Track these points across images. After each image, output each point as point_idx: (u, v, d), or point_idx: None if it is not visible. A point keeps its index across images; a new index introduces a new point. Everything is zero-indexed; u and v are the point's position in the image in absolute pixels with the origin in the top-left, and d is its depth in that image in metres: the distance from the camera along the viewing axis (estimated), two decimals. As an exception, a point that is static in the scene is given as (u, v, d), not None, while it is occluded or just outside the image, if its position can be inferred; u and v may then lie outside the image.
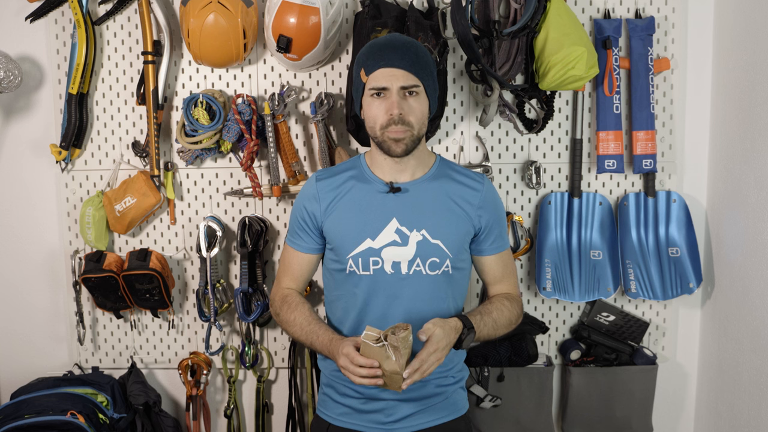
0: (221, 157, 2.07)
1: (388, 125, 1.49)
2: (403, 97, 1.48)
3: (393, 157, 1.53)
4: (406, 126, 1.49)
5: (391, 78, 1.47)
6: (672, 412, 2.16)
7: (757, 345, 1.80)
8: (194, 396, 2.09)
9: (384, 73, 1.48)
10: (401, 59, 1.47)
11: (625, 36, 1.99)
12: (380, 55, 1.49)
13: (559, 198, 2.04)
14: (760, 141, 1.77)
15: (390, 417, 1.57)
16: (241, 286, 2.02)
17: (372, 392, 1.57)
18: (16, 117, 2.09)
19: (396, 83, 1.47)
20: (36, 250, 2.14)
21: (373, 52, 1.51)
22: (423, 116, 1.52)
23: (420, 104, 1.50)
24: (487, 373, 2.01)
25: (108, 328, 2.15)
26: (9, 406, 1.91)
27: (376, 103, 1.50)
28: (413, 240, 1.54)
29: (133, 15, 2.02)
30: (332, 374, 1.63)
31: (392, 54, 1.48)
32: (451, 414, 1.62)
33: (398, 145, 1.50)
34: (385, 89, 1.48)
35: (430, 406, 1.59)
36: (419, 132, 1.52)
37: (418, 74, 1.49)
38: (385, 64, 1.48)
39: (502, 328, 1.57)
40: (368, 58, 1.51)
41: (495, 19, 1.85)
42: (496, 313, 1.56)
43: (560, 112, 2.03)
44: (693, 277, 1.97)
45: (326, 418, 1.64)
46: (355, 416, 1.59)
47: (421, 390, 1.57)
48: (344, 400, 1.61)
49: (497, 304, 1.59)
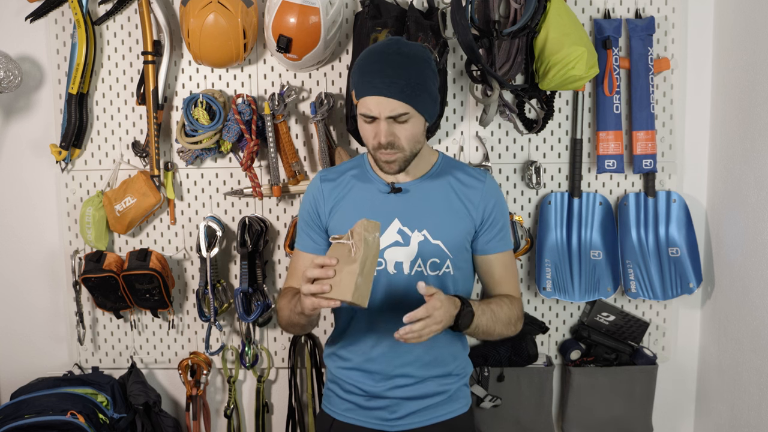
0: (221, 157, 2.07)
1: (378, 149, 1.48)
2: (391, 124, 1.46)
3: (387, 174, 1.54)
4: (395, 150, 1.48)
5: (378, 107, 1.44)
6: (672, 412, 2.16)
7: (757, 345, 1.80)
8: (194, 396, 2.09)
9: (372, 101, 1.44)
10: (389, 87, 1.42)
11: (625, 36, 1.99)
12: (370, 82, 1.44)
13: (559, 198, 2.04)
14: (760, 141, 1.77)
15: (394, 414, 1.58)
16: (241, 286, 2.02)
17: (376, 391, 1.57)
18: (16, 117, 2.09)
19: (384, 112, 1.44)
20: (36, 250, 2.14)
21: (364, 74, 1.45)
22: (414, 137, 1.49)
23: (411, 128, 1.47)
24: (487, 373, 2.01)
25: (108, 328, 2.15)
26: (9, 406, 1.91)
27: (367, 127, 1.49)
28: (415, 240, 1.55)
29: (133, 15, 2.02)
30: (337, 371, 1.64)
31: (381, 82, 1.42)
32: (455, 411, 1.62)
33: (390, 167, 1.51)
34: (374, 118, 1.46)
35: (434, 404, 1.59)
36: (412, 150, 1.51)
37: (409, 100, 1.43)
38: (374, 92, 1.43)
39: (500, 324, 1.54)
40: (359, 80, 1.47)
41: (495, 19, 1.85)
42: (494, 305, 1.54)
43: (560, 112, 2.03)
44: (693, 277, 1.97)
45: (330, 413, 1.65)
46: (359, 412, 1.60)
47: (426, 388, 1.58)
48: (348, 397, 1.61)
49: (496, 299, 1.58)
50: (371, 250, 1.34)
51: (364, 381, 1.59)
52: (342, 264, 1.32)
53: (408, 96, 1.43)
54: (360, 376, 1.59)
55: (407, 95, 1.43)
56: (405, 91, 1.42)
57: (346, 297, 1.30)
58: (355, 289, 1.30)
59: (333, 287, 1.32)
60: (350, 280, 1.30)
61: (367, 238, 1.33)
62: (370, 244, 1.33)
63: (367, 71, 1.45)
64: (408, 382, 1.57)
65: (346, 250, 1.34)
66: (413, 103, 1.44)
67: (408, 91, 1.43)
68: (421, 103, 1.46)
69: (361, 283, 1.31)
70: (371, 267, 1.34)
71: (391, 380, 1.57)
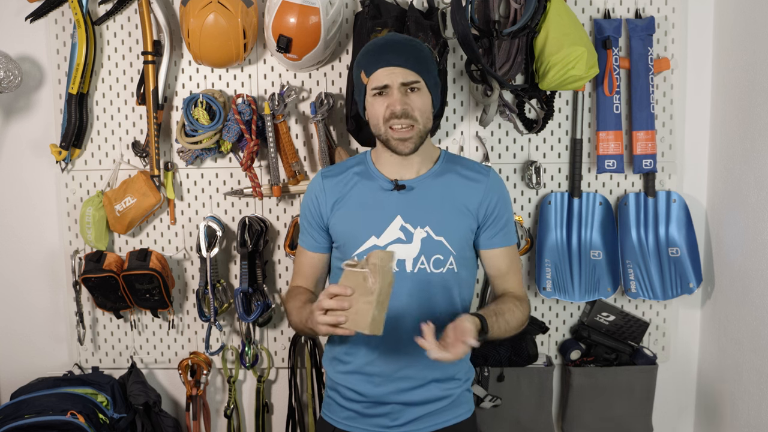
0: (221, 157, 2.07)
1: (390, 119, 1.49)
2: (404, 94, 1.49)
3: (401, 155, 1.53)
4: (410, 120, 1.49)
5: (391, 76, 1.48)
6: (672, 412, 2.16)
7: (757, 345, 1.80)
8: (194, 396, 2.09)
9: (384, 72, 1.49)
10: (399, 57, 1.48)
11: (625, 36, 1.99)
12: (379, 56, 1.50)
13: (559, 198, 2.04)
14: (760, 141, 1.77)
15: (395, 421, 1.56)
16: (241, 286, 2.02)
17: (377, 396, 1.56)
18: (16, 117, 2.09)
19: (396, 80, 1.48)
20: (36, 250, 2.14)
21: (372, 53, 1.51)
22: (427, 110, 1.52)
23: (422, 99, 1.51)
24: (487, 373, 2.01)
25: (108, 328, 2.15)
26: (9, 406, 1.91)
27: (379, 101, 1.51)
28: (417, 237, 1.54)
29: (133, 15, 2.02)
30: (337, 377, 1.62)
31: (390, 53, 1.49)
32: (457, 417, 1.60)
33: (405, 145, 1.51)
34: (386, 87, 1.49)
35: (436, 410, 1.57)
36: (425, 126, 1.52)
37: (418, 70, 1.49)
38: (384, 63, 1.49)
39: (511, 331, 1.53)
40: (367, 59, 1.52)
41: (495, 19, 1.85)
42: (509, 314, 1.52)
43: (560, 112, 2.03)
44: (693, 277, 1.97)
45: (330, 421, 1.63)
46: (359, 420, 1.58)
47: (428, 393, 1.56)
48: (349, 404, 1.60)
49: (510, 305, 1.55)
50: (386, 280, 1.33)
51: (365, 385, 1.57)
52: (357, 294, 1.32)
53: (417, 67, 1.50)
54: (360, 380, 1.57)
55: (417, 65, 1.50)
56: (414, 62, 1.50)
57: (363, 329, 1.30)
58: (372, 321, 1.30)
59: (348, 317, 1.32)
60: (367, 312, 1.30)
61: (384, 268, 1.32)
62: (386, 274, 1.33)
63: (375, 50, 1.52)
64: (410, 385, 1.55)
65: (360, 279, 1.33)
66: (422, 74, 1.50)
67: (417, 63, 1.50)
68: (429, 79, 1.52)
69: (377, 315, 1.31)
70: (386, 297, 1.34)
71: (393, 383, 1.55)
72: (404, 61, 1.48)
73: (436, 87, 1.56)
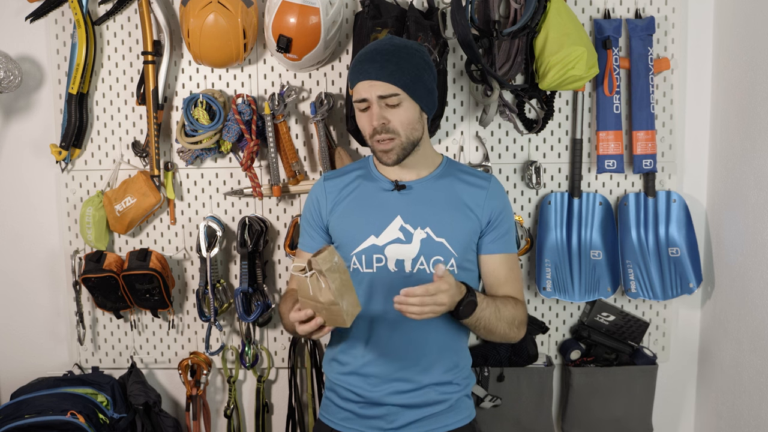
0: (221, 157, 2.07)
1: (373, 135, 1.51)
2: (383, 107, 1.49)
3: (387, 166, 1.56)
4: (390, 134, 1.50)
5: (369, 89, 1.48)
6: (672, 412, 2.16)
7: (757, 345, 1.80)
8: (194, 396, 2.09)
9: (363, 85, 1.49)
10: (379, 71, 1.47)
11: (625, 36, 1.99)
12: (360, 69, 1.50)
13: (559, 198, 2.04)
14: (760, 141, 1.77)
15: (392, 424, 1.55)
16: (241, 286, 2.02)
17: (373, 397, 1.55)
18: (16, 117, 2.09)
19: (374, 93, 1.48)
20: (36, 250, 2.14)
21: (356, 65, 1.52)
22: (409, 121, 1.51)
23: (404, 112, 1.50)
24: (487, 373, 2.01)
25: (108, 328, 2.15)
26: (9, 406, 1.91)
27: (363, 116, 1.53)
28: (417, 238, 1.54)
29: (133, 15, 2.02)
30: (335, 378, 1.62)
31: (370, 66, 1.48)
32: (456, 423, 1.58)
33: (388, 156, 1.52)
34: (365, 101, 1.50)
35: (433, 414, 1.56)
36: (408, 138, 1.52)
37: (399, 83, 1.47)
38: (364, 77, 1.49)
39: (504, 323, 1.52)
40: (352, 70, 1.53)
41: (495, 19, 1.85)
42: (500, 302, 1.53)
43: (560, 112, 2.03)
44: (693, 277, 1.97)
45: (328, 422, 1.62)
46: (356, 421, 1.58)
47: (424, 396, 1.55)
48: (345, 405, 1.59)
49: (501, 298, 1.56)
50: (339, 274, 1.34)
51: (362, 386, 1.56)
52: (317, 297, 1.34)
53: (397, 79, 1.47)
54: (357, 381, 1.57)
55: (396, 78, 1.47)
56: (395, 74, 1.47)
57: (343, 324, 1.36)
58: (346, 314, 1.35)
59: (325, 319, 1.37)
60: (337, 311, 1.34)
61: (331, 268, 1.33)
62: (335, 271, 1.33)
63: (359, 62, 1.51)
64: (407, 388, 1.55)
65: (315, 281, 1.34)
66: (403, 86, 1.48)
67: (398, 75, 1.47)
68: (413, 89, 1.49)
69: (347, 306, 1.35)
70: (348, 285, 1.36)
71: (389, 384, 1.55)
72: (383, 74, 1.47)
73: (430, 93, 1.54)
